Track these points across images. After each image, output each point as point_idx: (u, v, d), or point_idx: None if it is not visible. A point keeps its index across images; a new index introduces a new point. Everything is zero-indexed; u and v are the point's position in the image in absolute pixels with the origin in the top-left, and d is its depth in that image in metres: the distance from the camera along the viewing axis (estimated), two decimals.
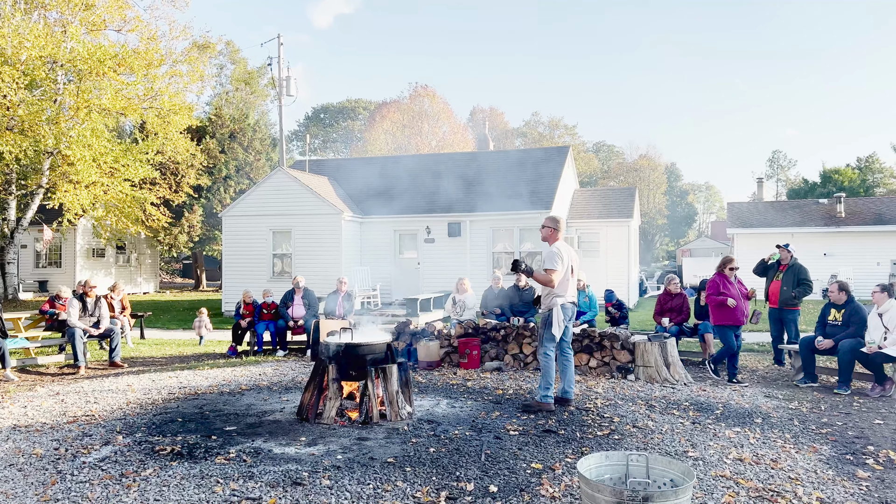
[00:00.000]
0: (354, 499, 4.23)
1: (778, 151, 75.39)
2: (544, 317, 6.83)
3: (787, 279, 9.52)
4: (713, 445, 5.47)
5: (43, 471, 4.83)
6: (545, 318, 6.82)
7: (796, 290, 9.39)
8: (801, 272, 9.47)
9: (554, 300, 6.74)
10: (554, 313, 6.71)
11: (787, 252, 9.72)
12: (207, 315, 13.99)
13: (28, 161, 20.97)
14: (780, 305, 9.56)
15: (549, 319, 6.77)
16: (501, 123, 58.68)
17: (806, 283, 9.41)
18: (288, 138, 61.04)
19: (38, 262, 29.03)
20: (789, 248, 9.77)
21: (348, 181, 22.50)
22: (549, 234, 6.94)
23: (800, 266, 9.54)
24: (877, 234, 24.56)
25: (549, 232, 6.93)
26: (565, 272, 6.74)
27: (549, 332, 6.75)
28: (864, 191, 49.45)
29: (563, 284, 6.75)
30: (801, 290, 9.39)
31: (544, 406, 6.60)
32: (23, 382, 8.76)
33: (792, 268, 9.57)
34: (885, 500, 4.29)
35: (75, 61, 19.90)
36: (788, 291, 9.44)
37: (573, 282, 6.87)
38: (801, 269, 9.51)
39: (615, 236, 21.54)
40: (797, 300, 9.44)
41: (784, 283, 9.52)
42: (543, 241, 6.99)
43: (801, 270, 9.49)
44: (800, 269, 9.50)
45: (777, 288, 9.62)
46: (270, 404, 7.06)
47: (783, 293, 9.50)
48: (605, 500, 3.65)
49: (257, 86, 49.04)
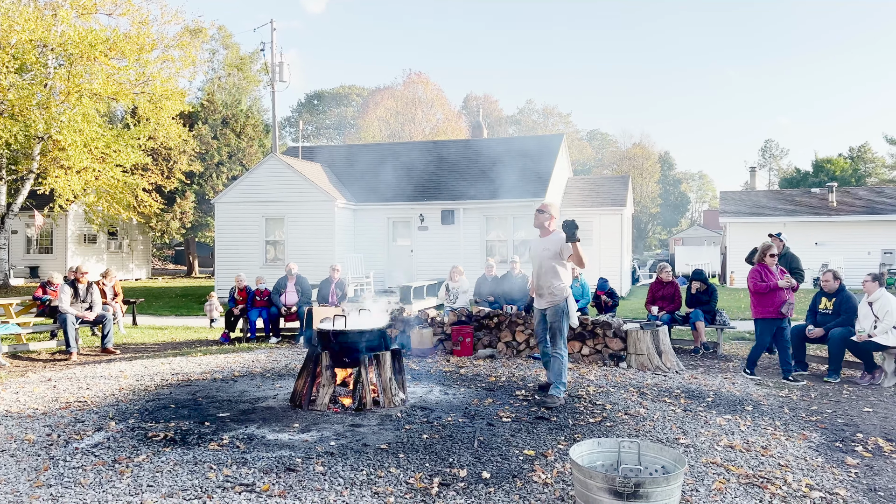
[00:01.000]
0: (348, 485, 4.24)
1: (770, 140, 75.61)
2: (556, 309, 6.47)
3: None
4: (704, 433, 5.51)
5: (35, 456, 4.83)
6: (558, 310, 6.46)
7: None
8: (792, 261, 9.51)
9: (568, 289, 6.49)
10: (569, 303, 6.46)
11: (779, 241, 9.74)
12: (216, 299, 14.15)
13: (18, 146, 20.79)
14: None
15: (565, 311, 6.45)
16: (495, 111, 58.57)
17: (798, 272, 9.45)
18: (281, 125, 60.74)
19: (29, 247, 28.87)
20: (782, 238, 9.80)
21: (341, 168, 22.43)
22: (548, 220, 6.62)
23: (792, 255, 9.58)
24: (868, 224, 24.70)
25: (548, 219, 6.61)
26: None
27: (567, 322, 6.48)
28: (855, 181, 49.65)
29: (568, 271, 6.56)
30: (794, 278, 9.43)
31: (559, 400, 6.40)
32: (14, 368, 8.73)
33: (784, 257, 9.60)
34: (873, 486, 4.34)
35: (66, 45, 19.70)
36: None
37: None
38: (793, 258, 9.55)
39: (608, 224, 21.58)
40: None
41: None
42: (538, 228, 6.69)
43: (793, 259, 9.52)
44: (792, 258, 9.54)
45: None
46: (263, 391, 7.07)
47: None
48: (597, 486, 3.68)
49: (249, 71, 48.68)
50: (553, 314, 6.48)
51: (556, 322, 6.45)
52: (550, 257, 6.49)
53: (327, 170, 21.95)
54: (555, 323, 6.46)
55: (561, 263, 6.49)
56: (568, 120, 66.52)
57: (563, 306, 6.45)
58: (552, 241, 6.52)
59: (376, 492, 4.13)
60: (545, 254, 6.54)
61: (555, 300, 6.47)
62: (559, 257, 6.46)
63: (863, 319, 7.86)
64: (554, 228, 6.62)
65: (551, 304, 6.47)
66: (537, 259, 6.64)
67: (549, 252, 6.49)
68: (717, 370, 8.46)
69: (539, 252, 6.63)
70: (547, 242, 6.57)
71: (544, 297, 6.54)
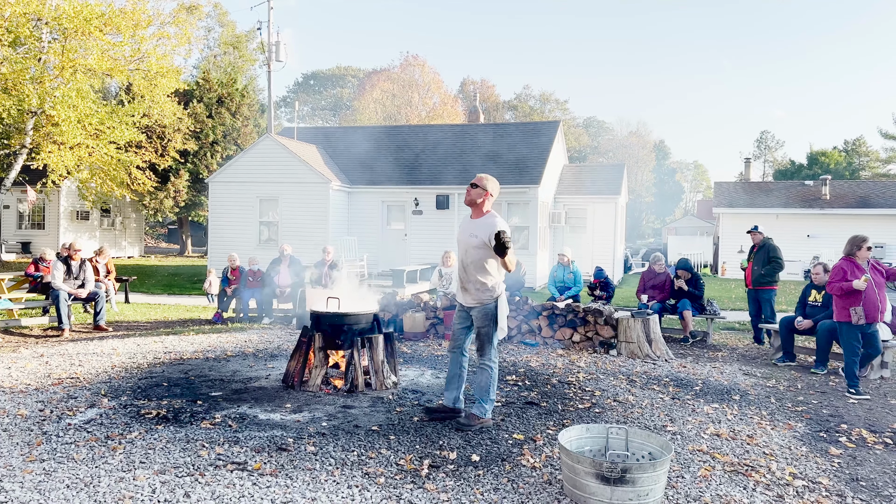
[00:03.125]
0: (339, 465, 4.29)
1: (766, 132, 75.74)
2: (485, 312, 5.16)
3: (758, 259, 9.73)
4: (691, 420, 5.59)
5: (28, 431, 4.85)
6: (487, 313, 5.16)
7: (766, 268, 9.55)
8: (770, 251, 9.64)
9: (501, 287, 5.21)
10: (500, 306, 5.15)
11: (757, 234, 9.91)
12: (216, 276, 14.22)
13: (11, 120, 20.59)
14: (754, 285, 9.72)
15: (494, 312, 5.15)
16: (492, 96, 58.31)
17: (776, 261, 9.56)
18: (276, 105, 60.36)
19: (22, 223, 28.71)
20: (758, 230, 9.95)
21: (337, 150, 22.35)
22: (482, 197, 5.24)
23: (770, 245, 9.72)
24: (861, 218, 24.82)
25: (481, 195, 5.24)
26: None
27: (496, 332, 5.19)
28: (850, 174, 49.87)
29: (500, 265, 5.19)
30: (771, 267, 9.55)
31: (484, 421, 5.19)
32: (6, 344, 8.74)
33: (763, 248, 9.74)
34: (856, 476, 4.42)
35: (60, 19, 19.47)
36: (759, 270, 9.63)
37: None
38: (771, 247, 9.68)
39: (602, 213, 21.63)
40: (767, 278, 9.57)
41: (755, 263, 9.74)
42: (468, 206, 5.32)
43: (772, 249, 9.66)
44: (770, 248, 9.67)
45: (751, 268, 9.81)
46: (256, 371, 7.10)
47: (754, 272, 9.69)
48: (585, 471, 3.74)
49: (245, 50, 48.29)
50: (481, 318, 5.20)
51: (484, 327, 5.18)
52: (478, 246, 5.13)
53: (322, 151, 21.88)
54: (482, 328, 5.19)
55: (492, 255, 5.11)
56: (565, 107, 66.32)
57: (491, 309, 5.17)
58: (481, 228, 5.15)
59: (367, 472, 4.18)
60: (472, 241, 5.18)
61: (482, 299, 5.18)
62: (487, 247, 5.10)
63: None
64: (488, 210, 5.27)
65: (478, 304, 5.20)
66: (463, 245, 5.28)
67: (477, 240, 5.14)
68: (706, 359, 8.54)
69: (466, 237, 5.26)
70: (475, 227, 5.21)
71: (469, 294, 5.23)
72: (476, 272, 5.18)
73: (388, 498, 3.81)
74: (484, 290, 5.16)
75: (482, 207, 5.26)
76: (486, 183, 5.26)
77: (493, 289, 5.16)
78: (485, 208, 5.27)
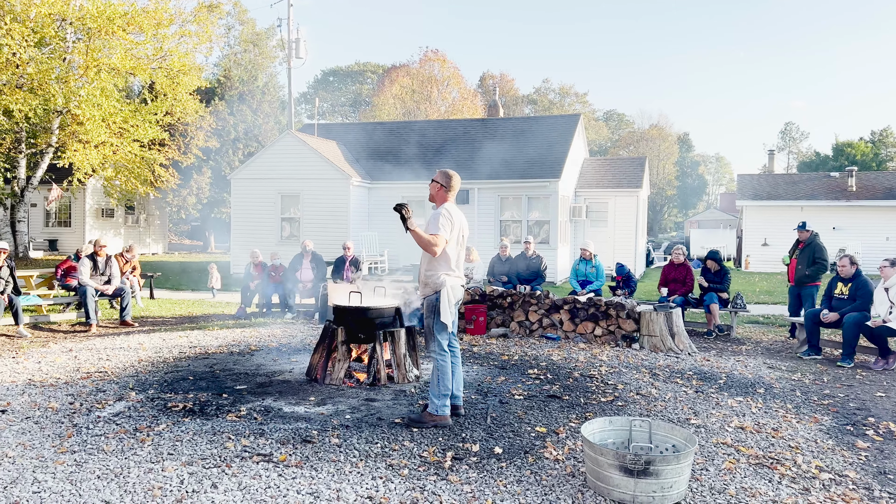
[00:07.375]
0: (363, 457, 4.33)
1: (790, 123, 74.67)
2: (428, 303, 5.19)
3: (803, 257, 9.52)
4: (715, 414, 5.55)
5: (59, 424, 4.95)
6: (430, 305, 5.17)
7: (810, 269, 9.40)
8: (816, 251, 9.44)
9: (442, 278, 5.10)
10: (442, 294, 5.07)
11: (804, 232, 9.69)
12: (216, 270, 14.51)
13: (38, 119, 20.96)
14: (797, 283, 9.56)
15: (436, 305, 5.11)
16: (511, 90, 58.11)
17: (821, 262, 9.39)
18: (296, 101, 60.64)
19: (48, 221, 29.20)
20: (807, 228, 9.73)
21: (357, 146, 22.42)
22: (436, 191, 5.32)
23: (817, 244, 9.50)
24: (887, 209, 24.39)
25: (436, 189, 5.31)
26: (456, 241, 5.20)
27: (439, 320, 5.09)
28: (876, 165, 49.00)
29: (446, 257, 5.15)
30: (815, 269, 9.39)
31: (438, 419, 5.03)
32: (35, 339, 8.91)
33: (809, 246, 9.54)
34: (883, 469, 4.37)
35: (84, 19, 19.76)
36: (803, 270, 9.46)
37: (462, 255, 5.36)
38: (817, 247, 9.47)
39: (624, 206, 21.49)
40: (811, 279, 9.44)
41: (799, 262, 9.53)
42: (430, 202, 5.39)
43: (817, 249, 9.46)
44: (815, 248, 9.47)
45: (794, 265, 9.64)
46: (280, 365, 7.18)
47: (798, 271, 9.52)
48: (609, 463, 3.74)
49: (266, 47, 48.44)
50: (425, 309, 5.23)
51: (428, 319, 5.19)
52: None
53: (342, 147, 21.96)
54: (427, 319, 5.21)
55: None
56: (584, 100, 65.88)
57: (432, 301, 5.15)
58: (428, 221, 5.22)
59: (391, 464, 4.21)
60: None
61: (425, 292, 5.22)
62: None
63: (878, 305, 7.83)
64: (443, 202, 5.33)
65: (424, 297, 5.26)
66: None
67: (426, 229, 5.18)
68: (730, 353, 8.47)
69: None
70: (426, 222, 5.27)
71: (421, 287, 5.31)
72: (423, 265, 5.25)
73: (411, 489, 3.84)
74: (427, 283, 5.19)
75: (437, 202, 5.33)
76: (439, 176, 5.35)
77: (435, 282, 5.14)
78: (440, 202, 5.32)
